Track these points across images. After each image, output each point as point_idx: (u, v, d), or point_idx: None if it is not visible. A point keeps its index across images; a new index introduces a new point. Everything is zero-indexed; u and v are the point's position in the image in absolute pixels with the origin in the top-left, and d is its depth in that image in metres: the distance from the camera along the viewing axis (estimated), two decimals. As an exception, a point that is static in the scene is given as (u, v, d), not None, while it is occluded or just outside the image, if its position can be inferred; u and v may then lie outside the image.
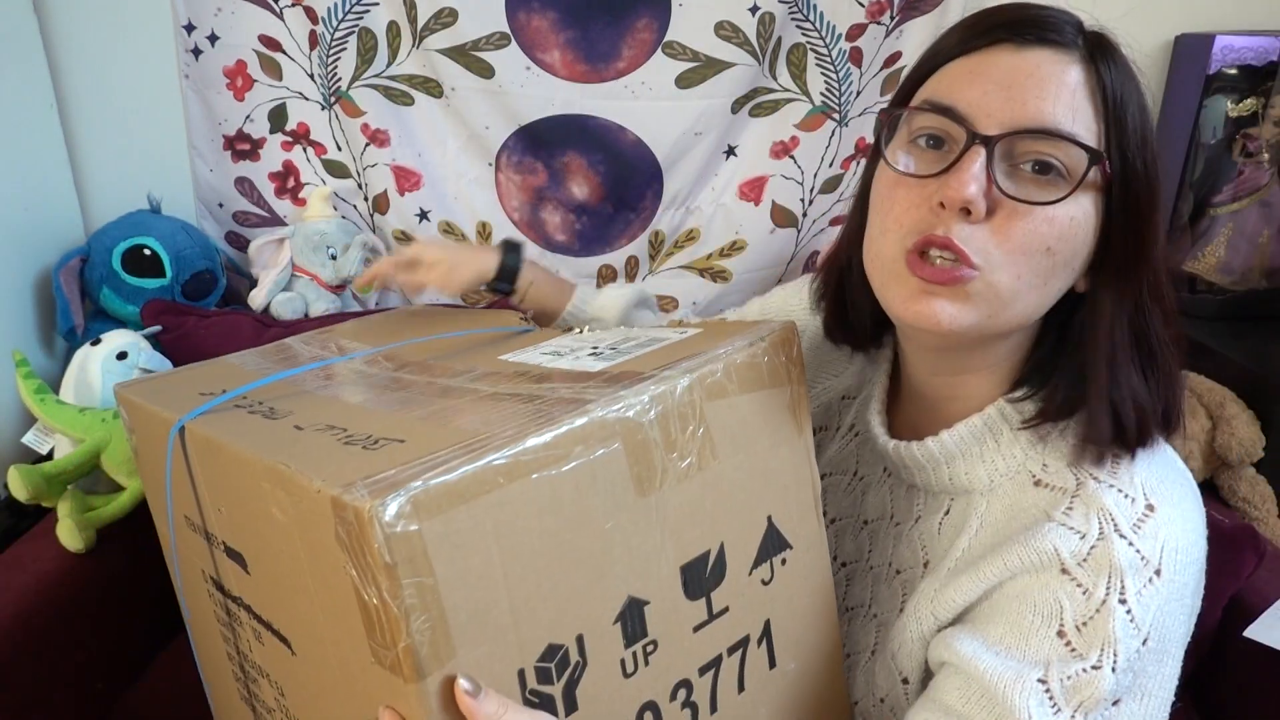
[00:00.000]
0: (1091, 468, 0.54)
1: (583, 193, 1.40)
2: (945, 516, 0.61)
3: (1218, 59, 1.22)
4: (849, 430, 0.74)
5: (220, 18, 1.31)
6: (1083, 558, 0.51)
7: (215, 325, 1.29)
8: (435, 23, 1.29)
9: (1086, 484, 0.54)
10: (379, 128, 1.36)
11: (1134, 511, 0.52)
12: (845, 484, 0.72)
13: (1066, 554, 0.51)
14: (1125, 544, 0.51)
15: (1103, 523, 0.52)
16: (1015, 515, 0.56)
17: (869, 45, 1.29)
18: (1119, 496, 0.53)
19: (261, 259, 1.37)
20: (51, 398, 1.15)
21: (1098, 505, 0.52)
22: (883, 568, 0.66)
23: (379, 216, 1.43)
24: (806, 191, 1.38)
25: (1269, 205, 1.29)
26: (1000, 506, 0.58)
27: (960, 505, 0.60)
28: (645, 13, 1.28)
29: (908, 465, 0.63)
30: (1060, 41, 0.53)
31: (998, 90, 0.52)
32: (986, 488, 0.59)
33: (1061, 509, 0.53)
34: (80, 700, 1.00)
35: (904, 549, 0.64)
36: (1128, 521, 0.51)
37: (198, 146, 1.39)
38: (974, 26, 0.55)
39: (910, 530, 0.64)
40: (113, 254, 1.28)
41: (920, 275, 0.53)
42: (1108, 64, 0.52)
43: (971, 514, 0.59)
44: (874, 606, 0.65)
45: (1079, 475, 0.55)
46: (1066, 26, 0.54)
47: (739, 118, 1.34)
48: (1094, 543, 0.51)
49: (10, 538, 1.09)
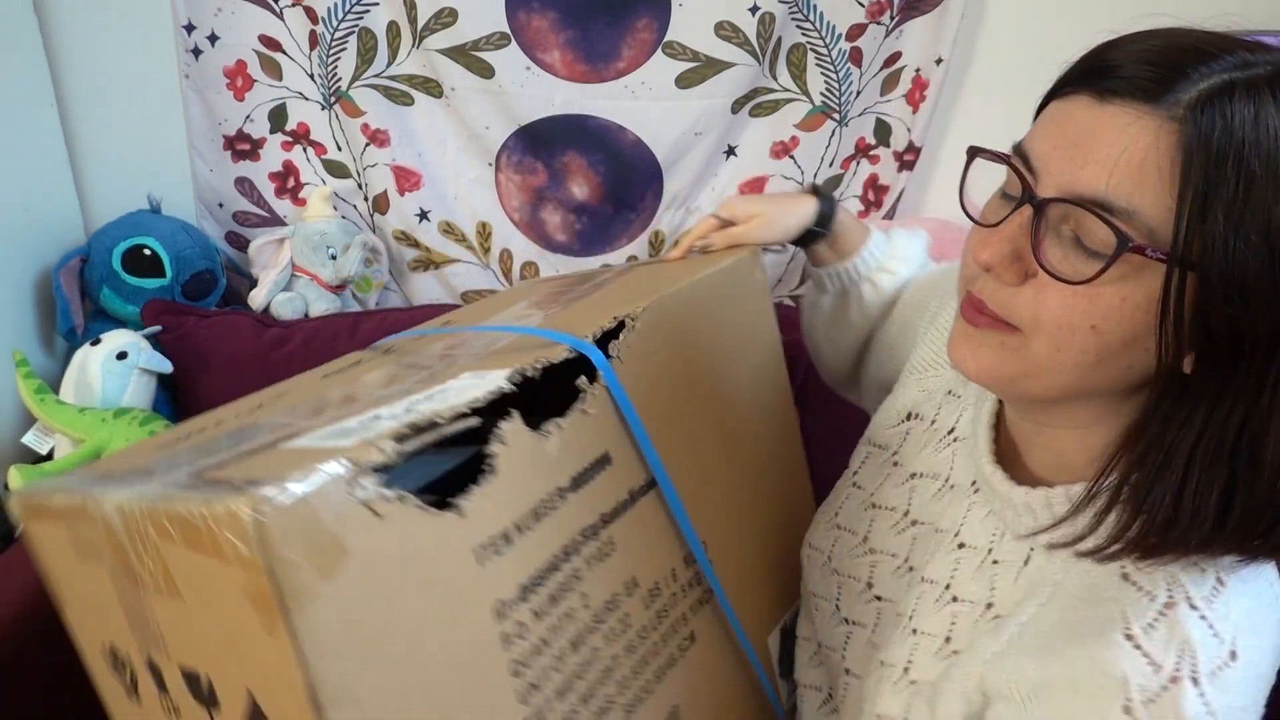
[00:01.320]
0: (1189, 582, 0.48)
1: (583, 193, 1.40)
2: (1024, 568, 0.56)
3: (1218, 59, 1.21)
4: (948, 433, 0.69)
5: (220, 18, 1.31)
6: (1150, 697, 0.45)
7: (215, 325, 1.29)
8: (435, 23, 1.29)
9: (1178, 605, 0.48)
10: (379, 128, 1.36)
11: (1218, 656, 0.46)
12: (935, 490, 0.67)
13: (1135, 688, 0.46)
14: (1196, 694, 0.45)
15: (1180, 662, 0.46)
16: (1091, 601, 0.50)
17: (869, 45, 1.29)
18: (1208, 634, 0.47)
19: (261, 259, 1.37)
20: (51, 398, 1.15)
21: (1182, 637, 0.46)
22: (937, 586, 0.61)
23: (379, 216, 1.43)
24: (806, 191, 1.39)
25: (1269, 205, 1.29)
26: (1080, 584, 0.52)
27: (1039, 562, 0.55)
28: (645, 13, 1.28)
29: (998, 494, 0.59)
30: (1149, 98, 0.45)
31: (1066, 147, 0.47)
32: (1070, 557, 0.53)
33: (1143, 623, 0.47)
34: (80, 700, 1.00)
35: (968, 580, 0.59)
36: (1208, 667, 0.46)
37: (198, 146, 1.39)
38: (1078, 65, 0.50)
39: (982, 565, 0.59)
40: (113, 254, 1.28)
41: (967, 318, 0.53)
42: (1211, 129, 0.43)
43: (1047, 579, 0.54)
44: (914, 620, 0.61)
45: (1172, 589, 0.48)
46: (1178, 76, 0.45)
47: (739, 118, 1.34)
48: (1165, 684, 0.46)
49: (10, 538, 1.09)
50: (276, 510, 0.40)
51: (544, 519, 0.55)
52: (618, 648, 0.61)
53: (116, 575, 0.50)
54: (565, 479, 0.57)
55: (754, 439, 0.78)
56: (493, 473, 0.52)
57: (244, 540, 0.39)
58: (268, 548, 0.40)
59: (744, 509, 0.75)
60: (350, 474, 0.44)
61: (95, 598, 0.53)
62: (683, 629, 0.67)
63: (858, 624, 0.68)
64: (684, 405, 0.69)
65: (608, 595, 0.60)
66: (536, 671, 0.54)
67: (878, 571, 0.68)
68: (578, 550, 0.58)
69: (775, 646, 0.78)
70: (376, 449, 0.45)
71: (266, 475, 0.42)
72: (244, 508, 0.39)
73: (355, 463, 0.44)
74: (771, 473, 0.81)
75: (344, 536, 0.43)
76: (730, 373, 0.76)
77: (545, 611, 0.55)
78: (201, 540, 0.41)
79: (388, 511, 0.45)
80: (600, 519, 0.60)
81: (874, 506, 0.71)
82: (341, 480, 0.43)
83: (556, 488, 0.57)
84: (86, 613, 0.57)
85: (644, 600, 0.64)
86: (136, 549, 0.47)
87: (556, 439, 0.57)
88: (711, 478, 0.72)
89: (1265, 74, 0.45)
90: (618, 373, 0.62)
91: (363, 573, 0.44)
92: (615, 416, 0.62)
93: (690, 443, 0.69)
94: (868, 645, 0.66)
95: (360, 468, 0.44)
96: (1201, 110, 0.44)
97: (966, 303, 0.54)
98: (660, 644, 0.65)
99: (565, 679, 0.56)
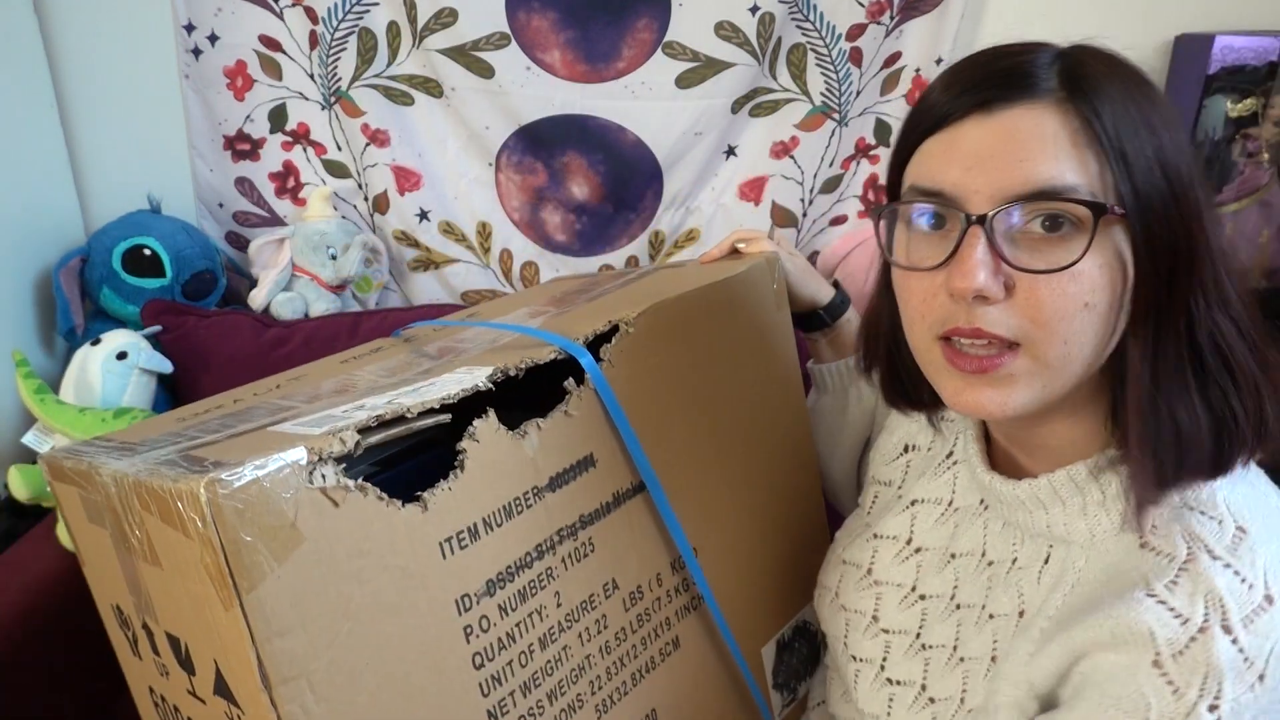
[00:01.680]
0: (1207, 535, 0.49)
1: (583, 193, 1.40)
2: (1045, 566, 0.56)
3: (1218, 59, 1.21)
4: (946, 457, 0.69)
5: (220, 18, 1.31)
6: (1179, 649, 0.46)
7: (215, 325, 1.29)
8: (435, 23, 1.29)
9: (1199, 558, 0.48)
10: (379, 128, 1.36)
11: (1250, 602, 0.46)
12: (939, 515, 0.67)
13: (1163, 641, 0.46)
14: (1228, 641, 0.45)
15: (1209, 609, 0.46)
16: (1114, 577, 0.51)
17: (869, 45, 1.29)
18: (1235, 581, 0.47)
19: (261, 259, 1.37)
20: (51, 398, 1.15)
21: (1207, 587, 0.47)
22: (974, 609, 0.61)
23: (379, 216, 1.43)
24: (806, 192, 1.38)
25: (1269, 205, 1.29)
26: (1100, 565, 0.53)
27: (1059, 555, 0.56)
28: (645, 13, 1.28)
29: (1005, 502, 0.59)
30: (1031, 92, 0.49)
31: (977, 165, 0.49)
32: (1087, 542, 0.54)
33: (1164, 580, 0.48)
34: (80, 700, 1.00)
35: (999, 593, 0.59)
36: (1239, 614, 0.46)
37: (198, 146, 1.39)
38: (939, 100, 0.52)
39: (1008, 575, 0.59)
40: (113, 254, 1.28)
41: (960, 368, 0.52)
42: (1092, 97, 0.48)
43: (1069, 569, 0.54)
44: (960, 650, 0.61)
45: (1191, 545, 0.49)
46: (1035, 70, 0.50)
47: (739, 118, 1.34)
48: (1194, 634, 0.46)
49: (10, 538, 1.09)
50: (230, 492, 0.42)
51: (516, 517, 0.56)
52: (592, 648, 0.61)
53: (116, 540, 0.53)
54: (543, 479, 0.58)
55: (761, 452, 0.77)
56: (462, 469, 0.53)
57: (201, 518, 0.42)
58: (222, 527, 0.42)
59: (744, 519, 0.75)
60: (309, 461, 0.46)
61: (103, 559, 0.56)
62: (666, 633, 0.67)
63: (865, 660, 0.67)
64: (681, 412, 0.69)
65: (584, 595, 0.61)
66: (500, 665, 0.55)
67: (883, 604, 0.67)
68: (553, 549, 0.59)
69: (770, 658, 0.77)
70: (338, 439, 0.47)
71: (235, 458, 0.44)
72: (201, 488, 0.42)
73: (315, 451, 0.46)
74: (779, 486, 0.80)
75: (299, 521, 0.45)
76: (736, 383, 0.75)
77: (512, 607, 0.56)
78: (171, 515, 0.44)
79: (346, 500, 0.47)
80: (580, 519, 0.61)
81: (876, 537, 0.70)
82: (300, 467, 0.45)
83: (532, 487, 0.57)
84: (98, 571, 0.59)
85: (624, 602, 0.64)
86: (128, 518, 0.49)
87: (535, 439, 0.57)
88: (708, 485, 0.71)
89: (1070, 48, 0.52)
90: (608, 376, 0.62)
91: (317, 557, 0.46)
92: (603, 419, 0.62)
93: (686, 449, 0.69)
94: (877, 681, 0.65)
95: (320, 456, 0.46)
96: (1075, 82, 0.49)
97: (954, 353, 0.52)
98: (640, 646, 0.65)
99: (531, 674, 0.57)
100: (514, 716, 0.56)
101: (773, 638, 0.77)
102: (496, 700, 0.55)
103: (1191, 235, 0.49)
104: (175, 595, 0.49)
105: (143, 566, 0.51)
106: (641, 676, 0.65)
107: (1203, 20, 1.27)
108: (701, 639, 0.71)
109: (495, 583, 0.55)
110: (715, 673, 0.72)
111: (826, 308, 0.84)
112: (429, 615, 0.51)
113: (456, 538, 0.53)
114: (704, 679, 0.71)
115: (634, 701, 0.65)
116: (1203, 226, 0.50)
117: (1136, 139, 0.48)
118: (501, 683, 0.55)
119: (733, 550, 0.73)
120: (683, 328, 0.70)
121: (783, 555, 0.78)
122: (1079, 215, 0.48)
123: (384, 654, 0.49)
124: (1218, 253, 0.50)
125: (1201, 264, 0.49)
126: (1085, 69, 0.50)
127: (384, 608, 0.49)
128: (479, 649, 0.54)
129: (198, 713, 0.53)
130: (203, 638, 0.48)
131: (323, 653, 0.46)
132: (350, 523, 0.47)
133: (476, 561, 0.54)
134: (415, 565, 0.51)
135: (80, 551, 0.61)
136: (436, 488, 0.52)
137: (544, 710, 0.58)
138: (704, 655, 0.71)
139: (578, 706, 0.60)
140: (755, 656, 0.75)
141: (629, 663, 0.64)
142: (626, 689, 0.64)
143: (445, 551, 0.52)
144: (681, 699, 0.69)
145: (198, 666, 0.50)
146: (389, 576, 0.49)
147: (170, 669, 0.54)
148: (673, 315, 0.68)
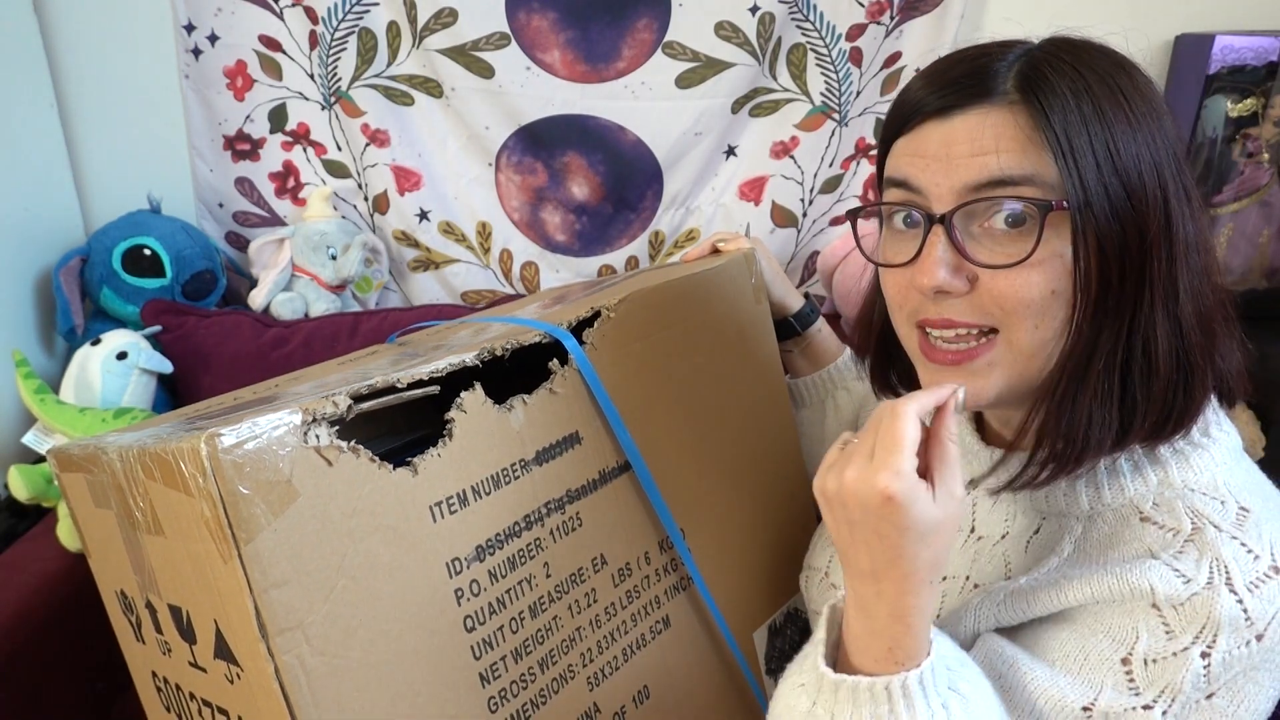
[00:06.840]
0: (1211, 513, 0.50)
1: (583, 193, 1.40)
2: (1034, 535, 0.58)
3: (1218, 59, 1.21)
4: None
5: (220, 18, 1.31)
6: (1180, 601, 0.47)
7: (215, 325, 1.29)
8: (435, 23, 1.29)
9: (1205, 531, 0.49)
10: (379, 128, 1.36)
11: (1255, 569, 0.47)
12: None
13: (1162, 593, 0.48)
14: (1233, 600, 0.46)
15: (1214, 573, 0.47)
16: (1114, 545, 0.53)
17: (869, 45, 1.29)
18: (1241, 551, 0.48)
19: (261, 259, 1.37)
20: (51, 398, 1.15)
21: (1213, 554, 0.48)
22: (958, 579, 0.63)
23: (379, 216, 1.43)
24: (806, 192, 1.38)
25: (1269, 205, 1.29)
26: (1099, 534, 0.54)
27: (1052, 525, 0.57)
28: (645, 13, 1.28)
29: (997, 476, 0.59)
30: (987, 97, 0.51)
31: (936, 165, 0.52)
32: (1085, 513, 0.55)
33: (1171, 551, 0.49)
34: (80, 700, 1.01)
35: (985, 564, 0.61)
36: (1244, 578, 0.47)
37: (198, 146, 1.39)
38: (902, 105, 0.55)
39: (995, 546, 0.61)
40: (113, 254, 1.28)
41: (935, 361, 0.54)
42: (1042, 99, 0.49)
43: (1065, 536, 0.55)
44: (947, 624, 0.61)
45: (1196, 520, 0.50)
46: (993, 75, 0.51)
47: (739, 118, 1.34)
48: (1198, 590, 0.47)
49: (10, 538, 1.09)
50: (228, 447, 0.45)
51: (505, 487, 0.58)
52: (582, 620, 0.63)
53: (120, 519, 0.55)
54: (529, 452, 0.60)
55: (745, 438, 0.79)
56: (450, 437, 0.55)
57: (201, 473, 0.45)
58: (221, 480, 0.45)
59: (731, 503, 0.76)
60: (304, 421, 0.48)
61: (108, 543, 0.58)
62: (655, 611, 0.69)
63: None
64: (663, 395, 0.71)
65: (573, 568, 0.63)
66: (490, 629, 0.57)
67: None
68: (541, 521, 0.61)
69: (762, 643, 0.78)
70: (331, 401, 0.49)
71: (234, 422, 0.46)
72: (202, 442, 0.44)
73: (310, 411, 0.48)
74: (765, 472, 0.81)
75: (294, 478, 0.47)
76: (718, 371, 0.77)
77: (502, 574, 0.58)
78: (173, 475, 0.46)
79: (340, 460, 0.49)
80: (567, 494, 0.63)
81: None
82: (295, 427, 0.48)
83: (519, 459, 0.59)
84: (102, 558, 0.61)
85: (613, 578, 0.66)
86: (132, 491, 0.51)
87: (520, 414, 0.60)
88: (694, 468, 0.73)
89: (1038, 45, 0.53)
90: (591, 359, 0.64)
91: (312, 513, 0.48)
92: (588, 399, 0.64)
93: (670, 431, 0.71)
94: None
95: (314, 417, 0.48)
96: (1028, 85, 0.50)
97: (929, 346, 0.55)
98: (630, 622, 0.66)
99: (522, 641, 0.58)
100: (506, 682, 0.57)
101: (764, 623, 0.78)
102: (488, 664, 0.56)
103: (1145, 231, 0.49)
104: (177, 561, 0.51)
105: (146, 540, 0.53)
106: (633, 652, 0.67)
107: (1203, 20, 1.27)
108: (692, 619, 0.72)
109: (485, 549, 0.57)
110: (707, 654, 0.73)
111: (796, 315, 0.87)
112: (420, 576, 0.53)
113: (446, 503, 0.55)
114: (696, 659, 0.72)
115: (626, 676, 0.66)
116: (1164, 222, 0.50)
117: (1084, 136, 0.49)
118: (493, 647, 0.56)
119: (720, 532, 0.74)
120: (663, 315, 0.72)
121: (772, 540, 0.80)
122: (1030, 211, 0.50)
123: (378, 612, 0.51)
124: (1183, 247, 0.51)
125: (1155, 262, 0.50)
126: (1041, 69, 0.51)
127: (377, 566, 0.51)
128: (470, 612, 0.55)
129: (200, 685, 0.54)
130: (204, 599, 0.50)
131: (319, 606, 0.48)
132: (344, 483, 0.49)
133: (466, 527, 0.56)
134: (406, 526, 0.52)
135: (86, 542, 0.62)
136: (426, 454, 0.54)
137: (535, 678, 0.59)
138: (695, 635, 0.72)
139: (569, 677, 0.62)
140: (747, 641, 0.76)
141: (619, 638, 0.66)
142: (618, 664, 0.65)
143: (435, 515, 0.54)
144: (675, 678, 0.70)
145: (198, 632, 0.52)
146: (381, 536, 0.51)
147: (173, 645, 0.55)
148: (653, 303, 0.71)
